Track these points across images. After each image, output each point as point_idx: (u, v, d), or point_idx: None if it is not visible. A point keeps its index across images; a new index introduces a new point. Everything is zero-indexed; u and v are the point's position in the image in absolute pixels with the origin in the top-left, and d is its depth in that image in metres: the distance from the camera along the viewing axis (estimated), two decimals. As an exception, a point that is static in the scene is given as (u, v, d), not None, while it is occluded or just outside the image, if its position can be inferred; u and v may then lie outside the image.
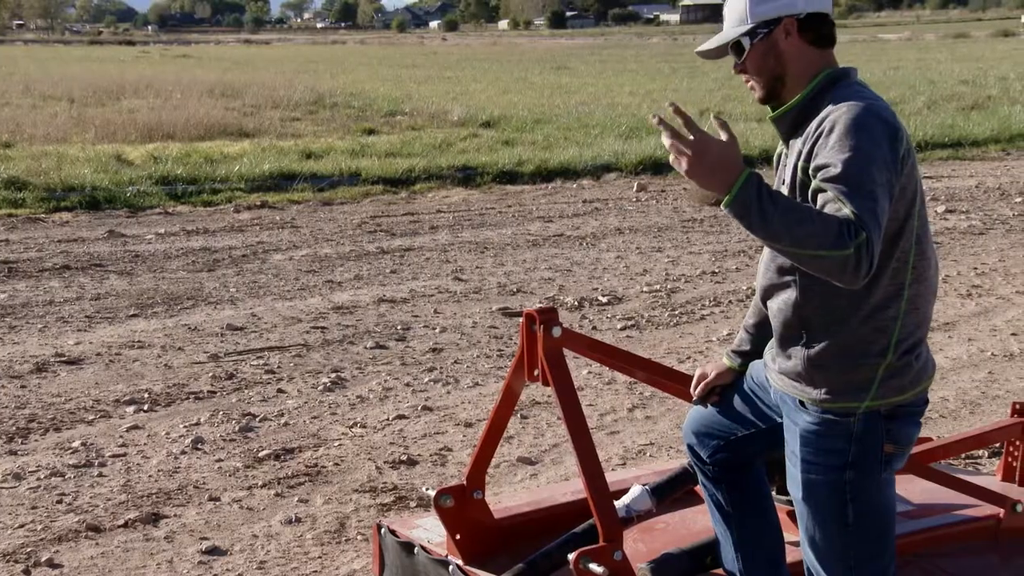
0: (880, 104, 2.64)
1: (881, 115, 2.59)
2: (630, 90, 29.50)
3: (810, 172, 2.57)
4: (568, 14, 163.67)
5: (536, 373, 3.43)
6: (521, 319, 3.46)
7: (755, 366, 3.07)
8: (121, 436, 5.74)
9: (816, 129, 2.62)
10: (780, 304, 2.78)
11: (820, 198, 2.48)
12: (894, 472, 2.80)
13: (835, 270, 2.41)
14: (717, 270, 9.77)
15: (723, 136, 2.50)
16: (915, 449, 3.86)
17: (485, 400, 6.25)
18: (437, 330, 7.84)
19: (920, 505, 3.88)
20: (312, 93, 27.35)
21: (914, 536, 3.64)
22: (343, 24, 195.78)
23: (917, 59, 43.51)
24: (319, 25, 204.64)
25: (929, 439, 4.42)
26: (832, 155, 2.51)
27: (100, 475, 5.25)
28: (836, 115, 2.59)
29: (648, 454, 5.55)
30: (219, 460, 5.44)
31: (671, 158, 2.50)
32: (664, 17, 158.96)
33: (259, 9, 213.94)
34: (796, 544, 2.94)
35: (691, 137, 2.47)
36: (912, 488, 3.90)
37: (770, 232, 2.43)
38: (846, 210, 2.40)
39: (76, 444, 5.61)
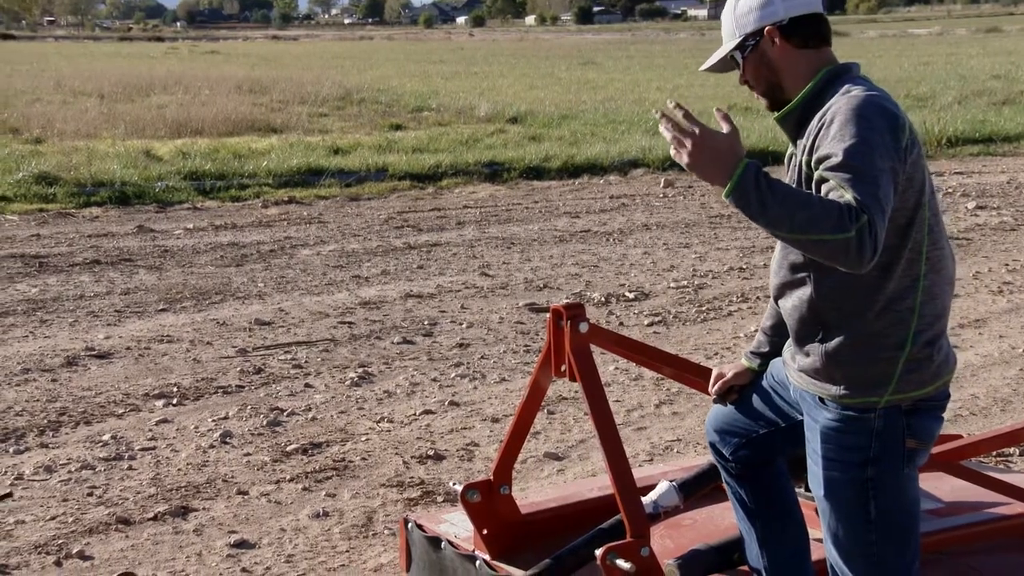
0: (881, 95, 2.64)
1: (882, 105, 2.59)
2: (657, 86, 29.42)
3: (812, 165, 2.57)
4: (595, 9, 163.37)
5: (563, 369, 3.44)
6: (548, 315, 3.46)
7: (776, 364, 3.06)
8: (150, 430, 5.78)
9: (818, 123, 2.64)
10: (794, 301, 2.77)
11: (823, 188, 2.49)
12: (917, 468, 2.78)
13: (839, 254, 2.41)
14: (745, 266, 9.73)
15: (724, 128, 2.53)
16: (945, 447, 3.85)
17: (512, 395, 6.26)
18: (464, 325, 7.85)
19: (950, 503, 3.85)
20: (339, 89, 27.41)
21: (944, 534, 3.62)
22: (370, 20, 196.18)
23: (948, 54, 43.17)
24: (346, 21, 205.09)
25: (959, 436, 4.39)
26: (833, 145, 2.52)
27: (130, 468, 5.29)
28: (836, 107, 2.60)
29: (675, 450, 5.54)
30: (247, 454, 5.47)
31: (671, 151, 2.54)
32: (692, 12, 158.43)
33: (287, 5, 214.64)
34: (820, 540, 2.93)
35: (692, 129, 2.50)
36: (942, 486, 3.88)
37: (771, 219, 2.44)
38: (848, 195, 2.41)
39: (106, 437, 5.65)
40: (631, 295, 8.69)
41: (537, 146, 17.32)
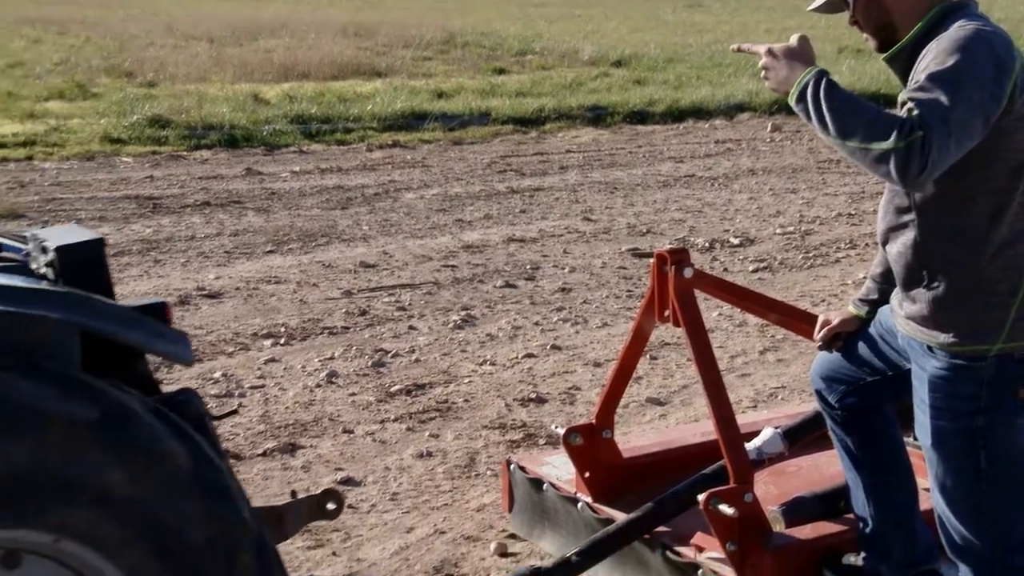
0: (995, 32, 2.54)
1: (990, 40, 2.50)
2: (766, 27, 28.79)
3: None
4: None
5: (666, 314, 3.43)
6: (652, 260, 3.45)
7: (884, 311, 3.01)
8: (259, 368, 5.92)
9: (922, 57, 2.56)
10: (900, 247, 2.71)
11: (903, 110, 2.44)
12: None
13: (881, 165, 2.38)
14: (854, 212, 9.55)
15: (792, 40, 2.61)
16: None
17: (614, 340, 6.25)
18: (566, 270, 7.85)
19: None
20: (443, 32, 27.37)
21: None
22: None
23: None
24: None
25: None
26: (925, 71, 2.47)
27: (240, 405, 5.42)
28: (942, 39, 2.54)
29: (779, 397, 5.49)
30: (353, 394, 5.57)
31: (761, 76, 2.65)
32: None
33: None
34: (928, 490, 2.88)
35: (762, 51, 2.64)
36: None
37: (823, 124, 2.44)
38: (916, 111, 2.37)
39: (217, 375, 5.80)
40: (736, 241, 8.59)
41: (641, 90, 17.13)
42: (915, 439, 3.11)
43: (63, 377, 2.11)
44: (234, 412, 4.66)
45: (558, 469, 3.93)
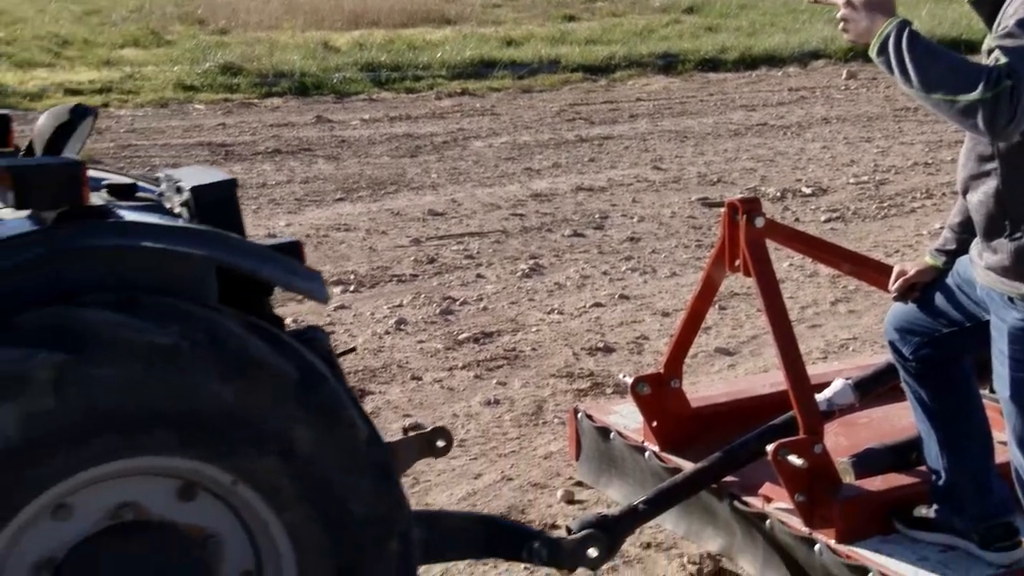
0: None
1: None
2: (842, -28, 28.17)
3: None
4: None
5: (737, 264, 3.40)
6: (722, 209, 3.41)
7: (962, 261, 2.94)
8: (329, 315, 5.97)
9: (1010, 2, 2.49)
10: (981, 196, 2.64)
11: (990, 60, 2.36)
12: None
13: (968, 117, 2.31)
14: (931, 161, 9.36)
15: None
16: None
17: (682, 290, 6.21)
18: (635, 219, 7.80)
19: None
20: (513, -21, 27.17)
21: None
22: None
23: None
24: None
25: None
26: (1014, 15, 2.40)
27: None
28: None
29: (851, 348, 5.42)
30: (421, 341, 5.60)
31: (840, 28, 2.57)
32: None
33: None
34: (1005, 443, 2.83)
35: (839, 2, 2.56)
36: None
37: (906, 76, 2.38)
38: (1002, 60, 2.30)
39: (288, 321, 5.84)
40: (808, 190, 8.47)
41: (713, 37, 16.88)
42: (992, 391, 3.05)
43: (270, 332, 2.20)
44: (352, 350, 4.71)
45: (625, 418, 3.92)
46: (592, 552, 3.05)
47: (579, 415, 4.05)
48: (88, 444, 2.04)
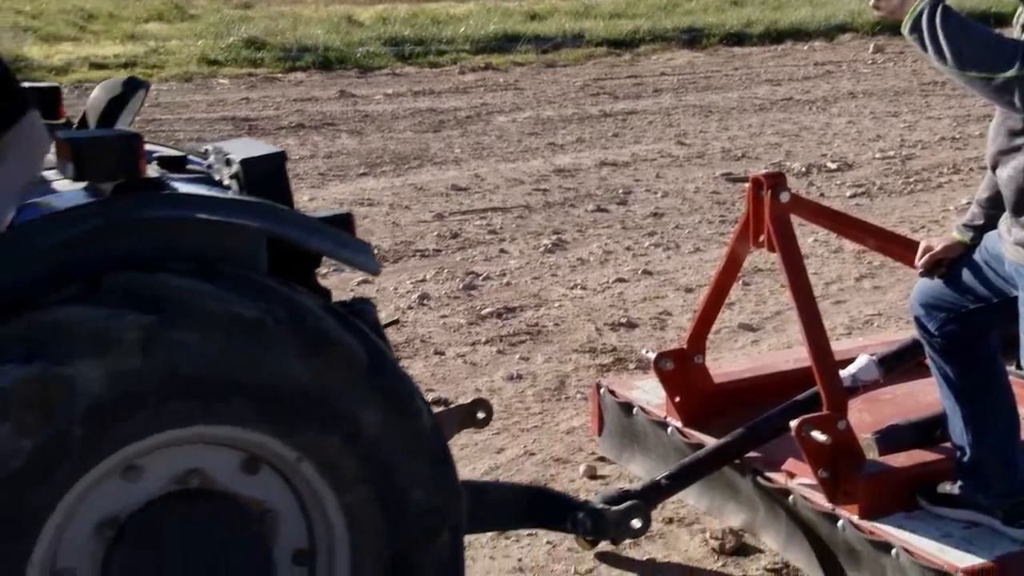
0: None
1: None
2: (869, -55, 27.91)
3: None
4: None
5: (761, 239, 3.37)
6: (747, 184, 3.39)
7: (989, 237, 2.92)
8: (352, 290, 5.97)
9: None
10: (1011, 171, 2.62)
11: None
12: None
13: (1002, 94, 2.31)
14: (958, 136, 9.27)
15: None
16: None
17: (706, 266, 6.19)
18: (659, 195, 7.77)
19: None
20: (537, -48, 27.02)
21: None
22: None
23: None
24: None
25: None
26: None
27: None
28: None
29: (875, 324, 5.39)
30: (444, 316, 5.61)
31: (871, 4, 2.54)
32: None
33: None
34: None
35: None
36: None
37: (940, 54, 2.35)
38: None
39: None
40: (833, 165, 8.41)
41: (739, 11, 16.76)
42: (1018, 367, 3.03)
43: (340, 312, 2.22)
44: (396, 322, 4.71)
45: (648, 394, 3.91)
46: (636, 523, 3.07)
47: (602, 390, 4.04)
48: (166, 408, 2.06)
